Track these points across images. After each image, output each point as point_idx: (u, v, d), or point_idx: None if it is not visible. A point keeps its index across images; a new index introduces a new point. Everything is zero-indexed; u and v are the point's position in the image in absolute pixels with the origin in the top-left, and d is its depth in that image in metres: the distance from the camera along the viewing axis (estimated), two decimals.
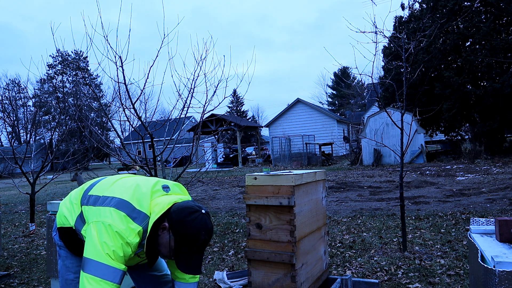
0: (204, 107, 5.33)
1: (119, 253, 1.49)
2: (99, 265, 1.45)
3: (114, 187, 1.72)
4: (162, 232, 1.60)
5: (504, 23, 16.76)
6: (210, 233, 1.60)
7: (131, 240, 1.53)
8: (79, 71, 38.92)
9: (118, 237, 1.50)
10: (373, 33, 4.65)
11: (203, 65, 5.25)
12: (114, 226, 1.51)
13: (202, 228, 1.56)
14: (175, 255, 1.59)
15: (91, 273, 1.44)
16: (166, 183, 1.78)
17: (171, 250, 1.59)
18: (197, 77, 5.25)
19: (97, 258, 1.46)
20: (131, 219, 1.57)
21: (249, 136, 43.52)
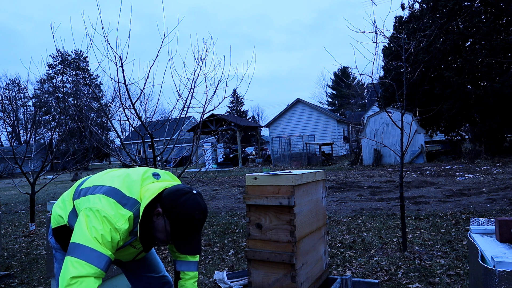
0: (204, 107, 5.34)
1: (107, 237, 1.46)
2: (85, 249, 1.41)
3: (104, 178, 1.72)
4: (156, 218, 1.58)
5: (504, 23, 16.76)
6: (205, 213, 1.59)
7: (120, 226, 1.50)
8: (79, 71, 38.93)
9: (107, 222, 1.47)
10: (373, 33, 4.65)
11: (203, 65, 5.25)
12: (102, 211, 1.49)
13: (196, 208, 1.55)
14: (173, 238, 1.57)
15: (76, 256, 1.40)
16: (156, 171, 1.78)
17: (168, 234, 1.57)
18: (197, 77, 5.26)
19: (84, 242, 1.42)
20: (120, 205, 1.55)
21: (249, 136, 43.52)
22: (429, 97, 17.51)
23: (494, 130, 16.37)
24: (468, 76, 16.60)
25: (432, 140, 22.48)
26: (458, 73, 16.57)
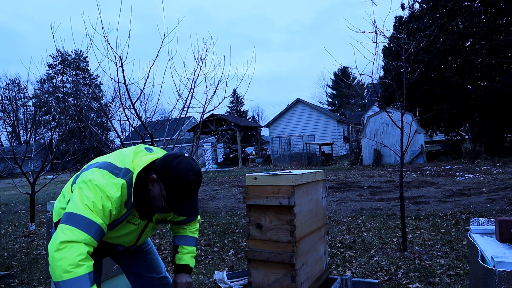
0: (204, 107, 5.34)
1: (98, 205, 1.46)
2: (76, 216, 1.43)
3: (97, 159, 1.77)
4: (152, 186, 1.59)
5: (504, 23, 16.76)
6: (198, 174, 1.59)
7: (112, 194, 1.51)
8: (79, 71, 38.94)
9: (98, 190, 1.49)
10: (373, 33, 4.66)
11: (203, 65, 5.25)
12: (94, 180, 1.51)
13: (189, 169, 1.56)
14: (170, 203, 1.56)
15: (67, 223, 1.41)
16: (149, 146, 1.82)
17: (164, 200, 1.56)
18: (197, 77, 5.26)
19: (75, 211, 1.44)
20: (113, 175, 1.56)
21: (249, 136, 43.53)
22: (429, 97, 17.51)
23: (494, 130, 16.37)
24: (468, 76, 16.60)
25: (432, 140, 22.48)
26: (458, 73, 16.57)
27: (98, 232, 1.46)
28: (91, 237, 1.42)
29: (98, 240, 1.46)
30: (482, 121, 16.67)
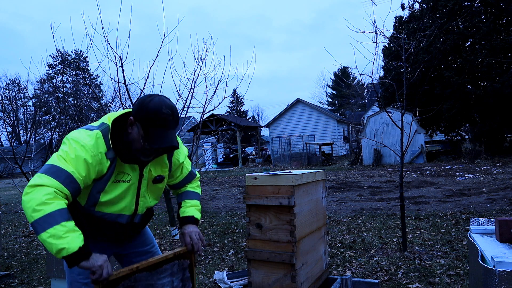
0: (204, 107, 5.34)
1: (71, 155, 1.50)
2: (47, 166, 1.48)
3: None
4: (131, 129, 1.62)
5: (504, 23, 16.76)
6: (172, 109, 1.61)
7: (86, 143, 1.54)
8: (79, 71, 38.92)
9: (73, 141, 1.54)
10: (373, 33, 4.66)
11: (203, 65, 5.26)
12: (70, 135, 1.58)
13: (162, 103, 1.58)
14: (148, 140, 1.58)
15: (40, 171, 1.47)
16: None
17: (142, 138, 1.58)
18: (197, 77, 5.27)
19: (49, 162, 1.50)
20: (88, 129, 1.62)
21: (249, 136, 43.52)
22: (429, 97, 17.50)
23: (494, 130, 16.37)
24: (468, 76, 16.59)
25: (432, 140, 22.47)
26: (458, 73, 16.56)
27: (68, 179, 1.46)
28: (59, 183, 1.44)
29: (70, 190, 1.47)
30: (482, 121, 16.67)
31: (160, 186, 1.86)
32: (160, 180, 1.82)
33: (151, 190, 1.82)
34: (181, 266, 1.84)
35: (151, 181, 1.79)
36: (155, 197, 1.88)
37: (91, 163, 1.54)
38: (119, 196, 1.69)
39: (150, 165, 1.76)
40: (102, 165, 1.58)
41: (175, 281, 1.81)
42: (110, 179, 1.64)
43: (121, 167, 1.67)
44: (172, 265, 1.80)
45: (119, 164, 1.66)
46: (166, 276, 1.77)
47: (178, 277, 1.83)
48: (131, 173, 1.69)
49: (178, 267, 1.83)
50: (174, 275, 1.81)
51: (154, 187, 1.82)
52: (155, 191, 1.85)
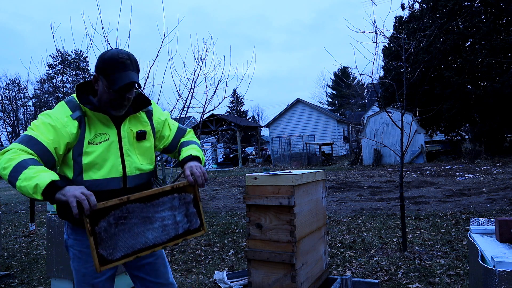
0: (204, 107, 5.35)
1: (36, 124, 1.60)
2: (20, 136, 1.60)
3: None
4: (97, 85, 1.69)
5: (504, 23, 16.76)
6: (128, 54, 1.67)
7: (50, 112, 1.65)
8: (79, 71, 38.92)
9: (40, 115, 1.65)
10: (373, 33, 4.66)
11: (203, 65, 5.27)
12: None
13: (117, 51, 1.66)
14: (110, 85, 1.62)
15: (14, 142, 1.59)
16: None
17: (106, 87, 1.63)
18: (197, 77, 5.28)
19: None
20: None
21: (249, 136, 43.51)
22: (429, 97, 17.50)
23: (494, 130, 16.37)
24: (468, 76, 16.59)
25: (432, 140, 22.48)
26: (458, 73, 16.56)
27: (32, 141, 1.55)
28: (22, 145, 1.53)
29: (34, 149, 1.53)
30: (482, 121, 16.67)
31: (147, 145, 1.83)
32: (142, 135, 1.80)
33: (139, 151, 1.80)
34: (183, 200, 1.74)
35: (135, 139, 1.78)
36: (145, 159, 1.82)
37: (54, 125, 1.60)
38: (101, 156, 1.68)
39: (129, 125, 1.77)
40: (69, 126, 1.63)
41: (178, 216, 1.72)
42: (85, 139, 1.66)
43: (97, 129, 1.69)
44: (171, 198, 1.71)
45: (94, 126, 1.69)
46: (165, 210, 1.69)
47: (181, 211, 1.73)
48: (108, 132, 1.71)
49: (179, 201, 1.73)
50: (175, 209, 1.71)
51: (140, 145, 1.80)
52: (144, 151, 1.82)
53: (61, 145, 1.60)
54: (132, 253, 1.58)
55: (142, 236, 1.62)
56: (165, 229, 1.68)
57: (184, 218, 1.74)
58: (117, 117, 1.74)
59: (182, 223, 1.73)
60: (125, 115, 1.76)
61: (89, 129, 1.68)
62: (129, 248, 1.57)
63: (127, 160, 1.74)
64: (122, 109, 1.71)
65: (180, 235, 1.72)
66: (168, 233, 1.68)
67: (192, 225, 1.75)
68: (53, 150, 1.58)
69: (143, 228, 1.62)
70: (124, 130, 1.75)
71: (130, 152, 1.76)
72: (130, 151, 1.76)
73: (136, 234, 1.60)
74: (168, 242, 1.68)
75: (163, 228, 1.68)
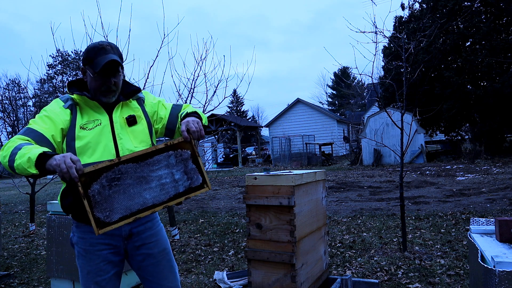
0: (204, 107, 5.35)
1: (35, 119, 1.70)
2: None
3: None
4: (86, 77, 1.78)
5: (504, 23, 16.76)
6: (108, 42, 1.77)
7: (46, 106, 1.75)
8: (79, 71, 38.90)
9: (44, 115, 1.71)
10: (373, 33, 4.66)
11: (203, 65, 5.27)
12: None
13: (98, 41, 1.77)
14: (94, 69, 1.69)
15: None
16: None
17: (92, 74, 1.71)
18: (197, 77, 5.28)
19: None
20: None
21: (249, 136, 43.51)
22: (429, 97, 17.50)
23: (494, 130, 16.37)
24: (468, 76, 16.59)
25: (432, 140, 22.47)
26: (458, 73, 16.56)
27: (27, 130, 1.65)
28: (20, 135, 1.63)
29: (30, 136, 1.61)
30: (482, 121, 16.66)
31: (140, 128, 1.83)
32: (132, 119, 1.81)
33: (132, 134, 1.81)
34: (180, 157, 1.66)
35: (126, 125, 1.80)
36: (139, 142, 1.82)
37: (49, 115, 1.70)
38: (93, 140, 1.71)
39: (120, 112, 1.81)
40: (62, 115, 1.72)
41: (177, 174, 1.65)
42: (76, 124, 1.72)
43: (89, 115, 1.76)
44: (167, 156, 1.64)
45: (85, 113, 1.76)
46: (161, 168, 1.62)
47: (179, 169, 1.66)
48: (100, 118, 1.76)
49: (175, 159, 1.66)
50: (172, 167, 1.64)
51: (132, 130, 1.81)
52: (137, 135, 1.82)
53: (57, 132, 1.68)
54: (130, 214, 1.53)
55: (139, 197, 1.57)
56: (164, 188, 1.62)
57: (184, 176, 1.66)
58: (108, 104, 1.78)
59: (182, 180, 1.66)
60: (116, 102, 1.80)
61: (80, 116, 1.74)
62: (126, 210, 1.53)
63: (119, 143, 1.76)
64: (111, 94, 1.76)
65: (181, 194, 1.64)
66: (167, 192, 1.62)
67: (193, 182, 1.67)
68: (50, 137, 1.65)
69: (139, 188, 1.58)
70: (116, 116, 1.79)
71: (122, 136, 1.78)
72: (122, 135, 1.78)
73: (132, 195, 1.56)
74: (169, 201, 1.62)
75: (161, 187, 1.62)
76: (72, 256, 3.29)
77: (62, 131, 1.69)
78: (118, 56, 1.74)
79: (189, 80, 5.31)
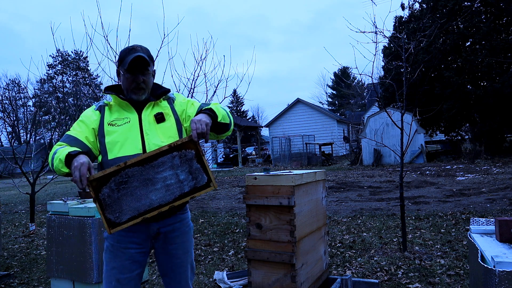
0: None
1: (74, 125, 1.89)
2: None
3: None
4: (120, 78, 1.91)
5: (504, 23, 16.76)
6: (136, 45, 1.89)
7: (83, 113, 1.93)
8: (79, 71, 38.89)
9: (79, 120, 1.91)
10: (373, 33, 4.66)
11: (203, 65, 5.27)
12: None
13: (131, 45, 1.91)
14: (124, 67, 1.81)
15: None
16: None
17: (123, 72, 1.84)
18: (197, 77, 5.28)
19: None
20: None
21: (249, 136, 43.49)
22: (429, 97, 17.50)
23: (494, 130, 16.36)
24: (468, 76, 16.59)
25: (432, 140, 22.46)
26: (458, 73, 16.56)
27: (65, 137, 1.85)
28: (60, 142, 1.83)
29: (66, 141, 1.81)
30: (482, 121, 16.66)
31: (168, 125, 1.89)
32: (160, 116, 1.89)
33: (160, 130, 1.88)
34: (184, 157, 1.68)
35: (155, 122, 1.88)
36: (167, 138, 1.86)
37: (83, 119, 1.89)
38: (121, 135, 1.82)
39: (151, 111, 1.90)
40: (92, 116, 1.89)
41: (181, 174, 1.67)
42: (105, 121, 1.86)
43: (119, 113, 1.89)
44: (171, 157, 1.67)
45: (115, 111, 1.89)
46: (166, 170, 1.66)
47: (184, 169, 1.67)
48: (130, 116, 1.87)
49: (180, 159, 1.67)
50: (177, 168, 1.67)
51: (160, 126, 1.88)
52: (165, 131, 1.88)
53: (89, 132, 1.84)
54: (138, 215, 1.61)
55: (146, 198, 1.63)
56: (169, 188, 1.66)
57: (189, 176, 1.68)
58: (138, 103, 1.89)
59: (187, 181, 1.67)
60: (146, 102, 1.91)
61: (109, 114, 1.88)
62: (134, 211, 1.61)
63: (146, 139, 1.84)
64: (140, 92, 1.86)
65: (186, 193, 1.67)
66: (172, 192, 1.66)
67: (198, 182, 1.69)
68: (84, 139, 1.82)
69: (145, 190, 1.64)
70: (145, 115, 1.89)
71: (149, 132, 1.86)
72: (150, 130, 1.86)
73: (139, 196, 1.63)
74: (174, 201, 1.65)
75: (166, 188, 1.66)
76: (72, 256, 3.29)
77: (94, 131, 1.84)
78: (147, 56, 1.85)
79: (189, 80, 5.32)
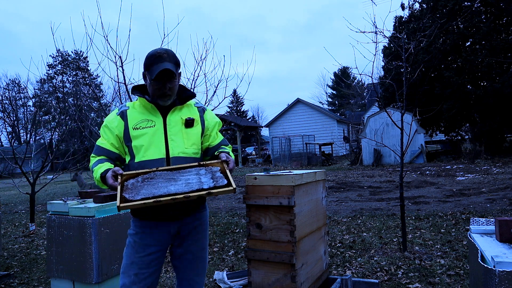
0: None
1: (102, 135, 1.97)
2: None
3: None
4: (146, 81, 1.94)
5: (504, 23, 16.75)
6: (166, 49, 1.92)
7: (106, 117, 1.98)
8: (79, 71, 38.88)
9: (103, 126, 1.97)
10: (373, 33, 4.66)
11: (203, 65, 5.27)
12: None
13: (156, 49, 1.94)
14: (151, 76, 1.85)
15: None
16: None
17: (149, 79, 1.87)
18: (197, 77, 5.27)
19: None
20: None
21: (249, 136, 43.48)
22: (429, 97, 17.49)
23: (494, 130, 16.36)
24: (468, 76, 16.59)
25: (432, 140, 22.46)
26: (458, 73, 16.56)
27: (95, 148, 1.96)
28: (93, 154, 1.96)
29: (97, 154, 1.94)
30: (482, 121, 16.66)
31: (194, 132, 1.97)
32: (191, 122, 1.97)
33: (186, 135, 1.95)
34: (210, 170, 1.84)
35: (183, 125, 1.95)
36: (191, 144, 1.96)
37: (106, 125, 1.96)
38: (147, 139, 1.88)
39: (179, 113, 1.97)
40: (115, 121, 1.94)
41: (204, 178, 1.79)
42: (129, 126, 1.92)
43: (143, 115, 1.94)
44: (198, 169, 1.83)
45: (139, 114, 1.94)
46: (191, 174, 1.80)
47: (207, 175, 1.80)
48: (155, 120, 1.93)
49: (205, 170, 1.83)
50: (201, 175, 1.80)
51: (187, 131, 1.96)
52: (190, 136, 1.96)
53: (114, 139, 1.92)
54: (152, 197, 1.65)
55: (164, 188, 1.71)
56: (188, 184, 1.75)
57: (210, 180, 1.78)
58: (164, 107, 1.94)
59: (208, 182, 1.76)
60: (172, 106, 1.96)
61: (133, 118, 1.93)
62: (149, 194, 1.67)
63: (170, 144, 1.91)
64: (166, 98, 1.91)
65: (204, 189, 1.72)
66: (191, 187, 1.73)
67: (218, 183, 1.76)
68: (110, 146, 1.92)
69: (167, 183, 1.74)
70: (170, 119, 1.94)
71: (174, 137, 1.93)
72: (175, 136, 1.93)
73: (159, 187, 1.72)
74: (190, 192, 1.70)
75: (186, 183, 1.75)
76: (72, 256, 3.29)
77: (118, 136, 1.92)
78: (174, 63, 1.89)
79: (189, 80, 5.32)
